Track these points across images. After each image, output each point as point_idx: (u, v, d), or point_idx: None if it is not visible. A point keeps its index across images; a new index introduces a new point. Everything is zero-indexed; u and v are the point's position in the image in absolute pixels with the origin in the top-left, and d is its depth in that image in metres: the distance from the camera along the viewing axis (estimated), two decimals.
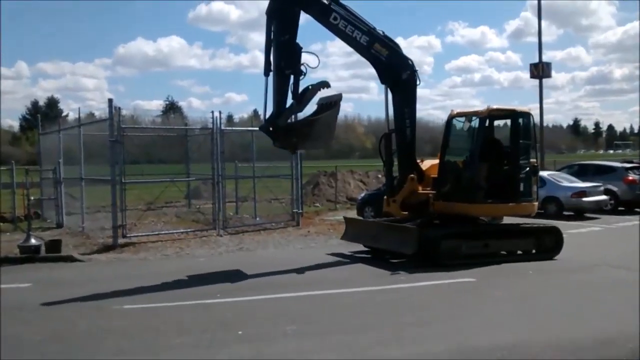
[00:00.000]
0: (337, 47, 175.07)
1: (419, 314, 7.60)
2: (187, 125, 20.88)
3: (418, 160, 12.17)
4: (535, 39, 29.05)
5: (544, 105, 29.19)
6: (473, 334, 6.73)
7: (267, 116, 10.33)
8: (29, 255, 11.54)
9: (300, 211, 16.83)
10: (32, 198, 14.05)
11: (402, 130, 11.36)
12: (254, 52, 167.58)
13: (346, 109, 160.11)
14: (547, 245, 11.44)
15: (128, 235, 13.59)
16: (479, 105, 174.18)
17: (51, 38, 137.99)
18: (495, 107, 11.56)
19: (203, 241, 13.71)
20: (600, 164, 22.83)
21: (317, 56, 10.27)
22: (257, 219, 17.06)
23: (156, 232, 14.47)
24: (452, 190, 11.43)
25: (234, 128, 21.72)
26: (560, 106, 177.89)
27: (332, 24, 10.45)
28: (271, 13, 10.22)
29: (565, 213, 18.43)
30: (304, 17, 10.41)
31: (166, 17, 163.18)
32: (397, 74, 11.13)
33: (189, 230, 14.78)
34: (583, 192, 18.42)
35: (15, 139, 77.87)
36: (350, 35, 10.58)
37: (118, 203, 13.10)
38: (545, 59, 28.87)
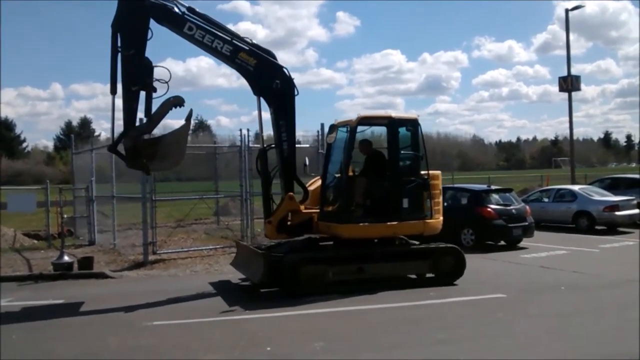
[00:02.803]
0: (363, 64, 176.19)
1: (450, 331, 7.51)
2: (215, 143, 21.14)
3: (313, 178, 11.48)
4: (564, 52, 28.88)
5: (574, 119, 28.88)
6: (505, 352, 6.63)
7: (115, 136, 9.79)
8: (62, 272, 11.75)
9: None
10: (65, 216, 14.33)
11: (279, 145, 10.39)
12: None
13: None
14: (445, 268, 10.44)
15: (158, 252, 13.76)
16: (507, 119, 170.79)
17: (84, 60, 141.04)
18: (365, 114, 10.48)
19: (232, 257, 13.72)
20: (632, 177, 22.40)
21: (168, 70, 9.49)
22: None
23: (186, 249, 14.62)
24: (330, 209, 10.50)
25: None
26: (590, 119, 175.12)
27: (188, 34, 9.69)
28: (117, 25, 9.39)
29: (598, 227, 18.12)
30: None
31: None
32: (268, 84, 10.20)
33: (217, 246, 14.89)
34: (615, 206, 18.10)
35: (50, 159, 79.71)
36: (210, 46, 9.81)
37: (148, 220, 13.29)
38: (574, 72, 28.63)
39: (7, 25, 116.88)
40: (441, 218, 10.73)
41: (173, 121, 9.93)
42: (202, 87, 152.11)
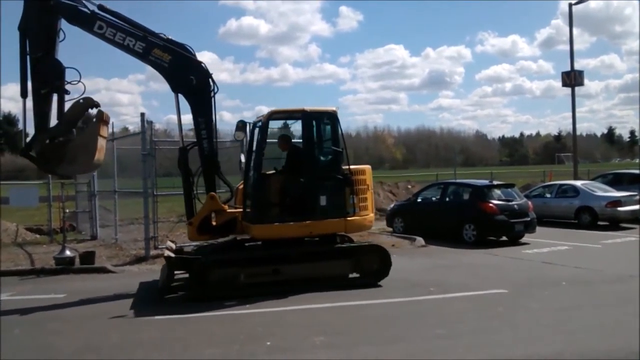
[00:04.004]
0: (366, 59, 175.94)
1: (450, 325, 7.50)
2: (218, 138, 21.03)
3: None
4: (567, 47, 28.72)
5: (577, 114, 28.76)
6: (505, 346, 6.62)
7: (27, 141, 9.59)
8: (64, 267, 11.80)
9: None
10: (67, 211, 14.40)
11: (199, 143, 10.06)
12: (284, 66, 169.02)
13: (376, 120, 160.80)
14: (369, 267, 9.98)
15: (160, 246, 13.74)
16: (510, 114, 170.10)
17: (86, 55, 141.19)
18: (276, 109, 10.19)
19: None
20: (635, 173, 22.37)
21: (78, 71, 9.31)
22: None
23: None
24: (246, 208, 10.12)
25: None
26: (593, 115, 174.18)
27: (98, 33, 9.39)
28: (23, 27, 9.22)
29: (600, 223, 18.09)
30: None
31: (197, 33, 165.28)
32: (184, 80, 9.80)
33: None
34: (618, 202, 18.07)
35: None
36: (122, 44, 9.50)
37: (150, 215, 13.31)
38: (577, 67, 28.61)
39: (9, 19, 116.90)
40: (370, 215, 10.29)
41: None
42: None
